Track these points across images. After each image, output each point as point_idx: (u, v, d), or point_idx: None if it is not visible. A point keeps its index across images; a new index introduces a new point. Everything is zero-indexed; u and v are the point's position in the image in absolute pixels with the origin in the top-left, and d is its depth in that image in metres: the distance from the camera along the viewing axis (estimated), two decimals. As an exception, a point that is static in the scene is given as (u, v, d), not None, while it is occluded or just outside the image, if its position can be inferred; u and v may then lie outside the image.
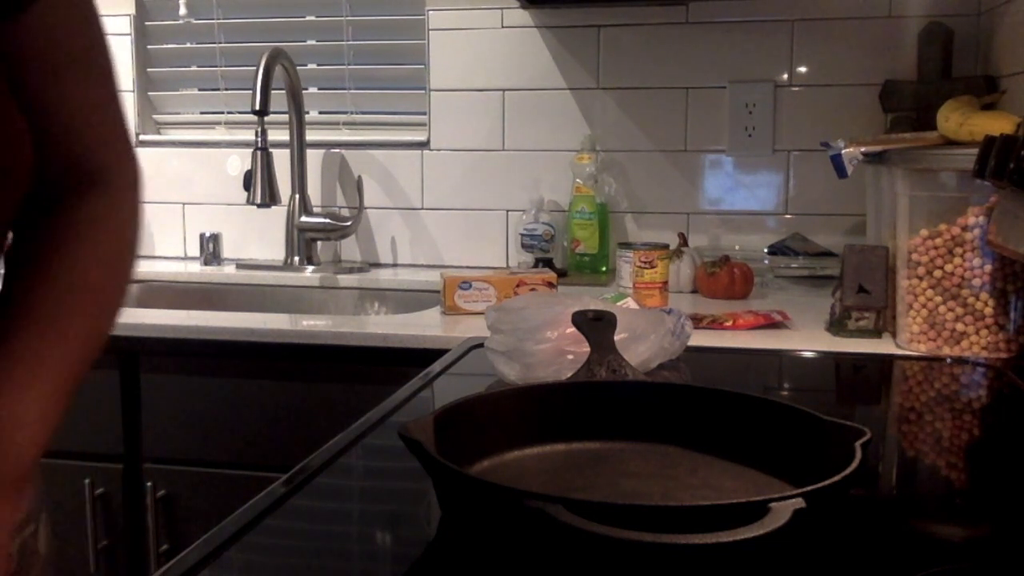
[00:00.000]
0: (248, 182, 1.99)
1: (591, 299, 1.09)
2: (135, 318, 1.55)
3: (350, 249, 2.13)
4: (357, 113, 2.17)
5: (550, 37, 2.01)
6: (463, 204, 2.07)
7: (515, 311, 1.08)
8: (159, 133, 2.26)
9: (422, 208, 2.10)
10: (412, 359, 1.34)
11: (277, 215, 2.07)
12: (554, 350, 1.03)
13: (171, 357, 1.49)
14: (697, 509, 0.57)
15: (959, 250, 1.24)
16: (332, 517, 0.74)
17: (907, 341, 1.29)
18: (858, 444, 0.64)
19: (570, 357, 1.01)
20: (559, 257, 1.98)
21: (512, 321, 1.06)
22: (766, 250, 1.91)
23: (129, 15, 2.18)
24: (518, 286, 1.53)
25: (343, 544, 0.69)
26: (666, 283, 1.60)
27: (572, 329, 1.00)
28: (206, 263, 2.12)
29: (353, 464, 0.88)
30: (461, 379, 1.15)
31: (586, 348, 0.96)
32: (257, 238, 2.16)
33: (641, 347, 1.07)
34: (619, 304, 1.20)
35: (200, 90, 2.27)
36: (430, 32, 2.06)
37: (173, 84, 2.26)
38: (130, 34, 2.18)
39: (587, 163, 1.92)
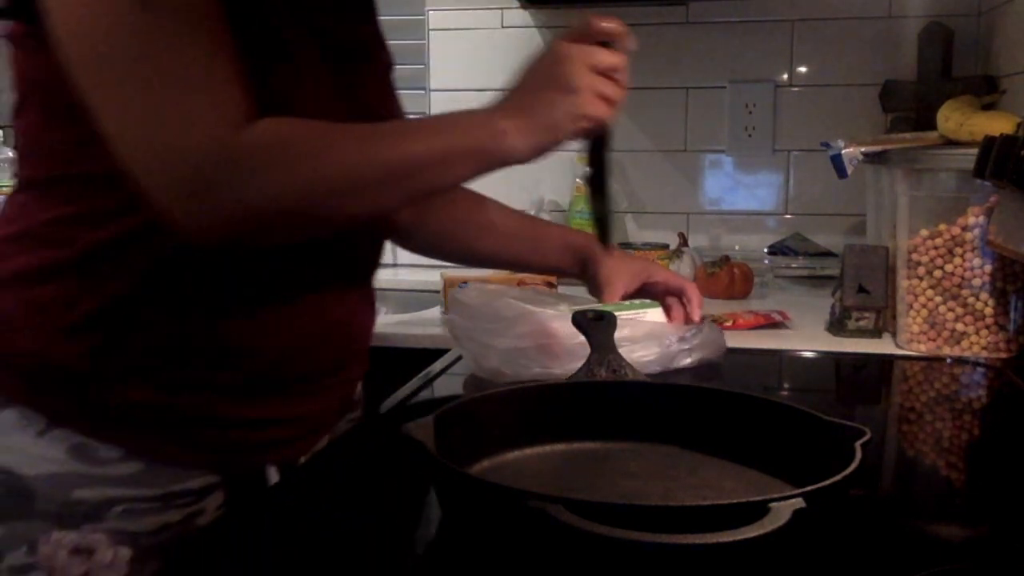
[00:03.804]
0: (248, 182, 1.99)
1: (567, 304, 1.12)
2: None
3: (350, 249, 2.12)
4: (357, 113, 2.17)
5: (550, 37, 2.01)
6: (463, 204, 2.07)
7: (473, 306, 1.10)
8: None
9: (422, 208, 2.09)
10: (412, 359, 1.34)
11: (277, 215, 2.06)
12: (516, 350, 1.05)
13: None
14: (697, 509, 0.57)
15: (959, 250, 1.24)
16: (331, 517, 0.74)
17: (907, 341, 1.29)
18: (858, 444, 0.64)
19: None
20: (559, 257, 1.98)
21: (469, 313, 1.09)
22: (766, 250, 1.91)
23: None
24: (518, 285, 1.53)
25: (342, 544, 0.68)
26: (666, 283, 1.60)
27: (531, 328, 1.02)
28: (206, 263, 2.11)
29: (352, 464, 0.88)
30: (461, 379, 1.15)
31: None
32: (257, 238, 2.15)
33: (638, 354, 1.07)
34: (642, 314, 1.15)
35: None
36: (430, 32, 2.06)
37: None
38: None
39: (587, 163, 1.91)
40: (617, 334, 0.97)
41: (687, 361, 1.11)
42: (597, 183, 0.95)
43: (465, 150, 0.80)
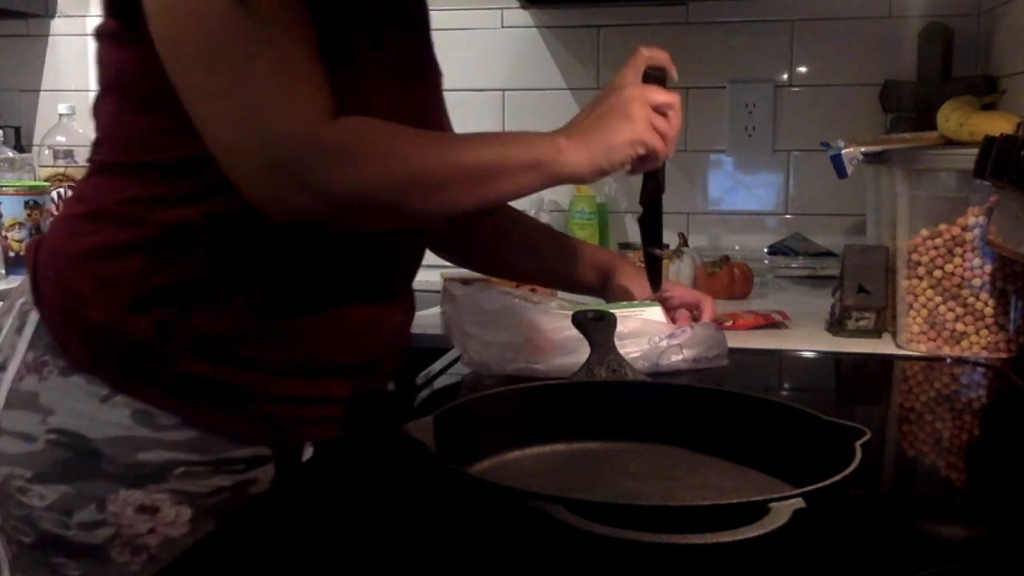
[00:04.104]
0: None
1: (557, 302, 1.15)
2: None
3: (350, 249, 2.12)
4: (357, 113, 2.16)
5: (550, 37, 2.01)
6: (463, 204, 2.07)
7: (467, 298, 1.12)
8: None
9: (422, 208, 2.09)
10: (412, 359, 1.34)
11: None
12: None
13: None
14: (697, 509, 0.57)
15: (959, 250, 1.24)
16: (331, 517, 0.74)
17: (907, 341, 1.29)
18: (858, 444, 0.64)
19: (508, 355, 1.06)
20: (559, 257, 1.98)
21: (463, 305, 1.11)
22: (766, 250, 1.91)
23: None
24: (518, 286, 1.53)
25: (342, 544, 0.69)
26: (666, 283, 1.60)
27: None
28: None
29: (353, 464, 0.88)
30: (461, 379, 1.15)
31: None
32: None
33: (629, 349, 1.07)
34: (639, 312, 1.14)
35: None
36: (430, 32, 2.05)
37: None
38: (130, 34, 2.18)
39: (587, 163, 1.91)
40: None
41: (677, 359, 1.11)
42: (650, 224, 1.06)
43: (528, 161, 0.87)
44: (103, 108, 0.91)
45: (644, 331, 1.09)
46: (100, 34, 0.88)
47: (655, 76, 0.99)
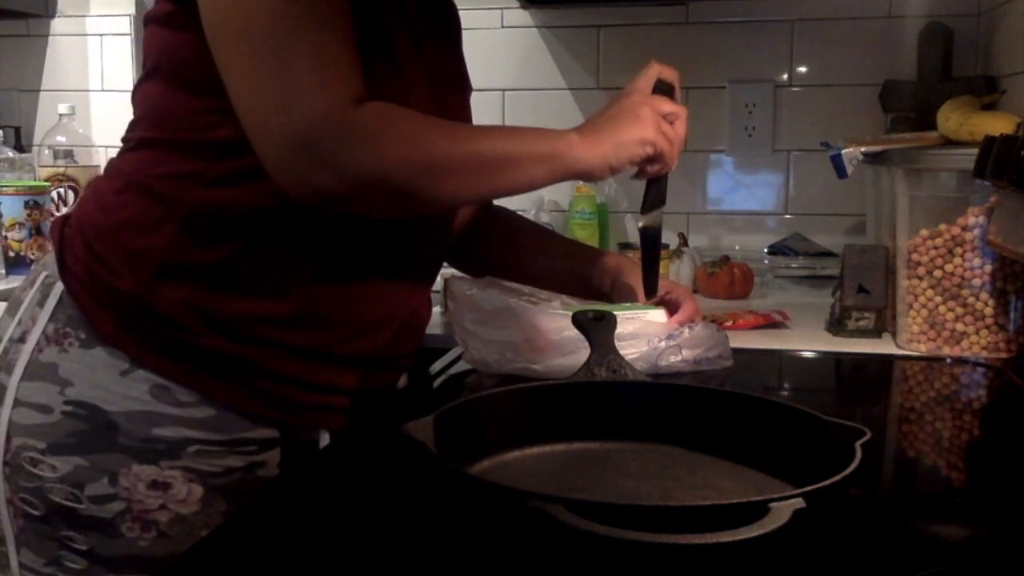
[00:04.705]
0: (248, 182, 1.99)
1: (559, 301, 1.15)
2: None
3: (350, 249, 2.12)
4: (357, 113, 2.16)
5: (550, 37, 2.01)
6: (463, 204, 2.07)
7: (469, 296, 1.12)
8: (159, 133, 2.26)
9: (422, 208, 2.09)
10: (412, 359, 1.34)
11: (277, 215, 2.06)
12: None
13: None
14: (697, 509, 0.57)
15: (959, 250, 1.24)
16: (331, 517, 0.74)
17: (907, 341, 1.29)
18: (858, 444, 0.64)
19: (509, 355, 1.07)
20: (559, 257, 1.98)
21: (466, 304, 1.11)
22: (766, 250, 1.91)
23: (129, 15, 2.18)
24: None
25: (342, 544, 0.69)
26: (666, 283, 1.60)
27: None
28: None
29: (353, 463, 0.88)
30: (461, 379, 1.15)
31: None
32: (257, 238, 2.15)
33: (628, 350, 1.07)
34: (642, 314, 1.14)
35: (200, 90, 2.27)
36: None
37: (173, 84, 2.26)
38: (130, 34, 2.18)
39: (587, 163, 1.91)
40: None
41: (676, 359, 1.10)
42: (650, 234, 1.10)
43: (541, 154, 0.90)
44: (146, 90, 0.93)
45: (642, 333, 1.09)
46: (150, 19, 0.92)
47: (663, 89, 1.04)
